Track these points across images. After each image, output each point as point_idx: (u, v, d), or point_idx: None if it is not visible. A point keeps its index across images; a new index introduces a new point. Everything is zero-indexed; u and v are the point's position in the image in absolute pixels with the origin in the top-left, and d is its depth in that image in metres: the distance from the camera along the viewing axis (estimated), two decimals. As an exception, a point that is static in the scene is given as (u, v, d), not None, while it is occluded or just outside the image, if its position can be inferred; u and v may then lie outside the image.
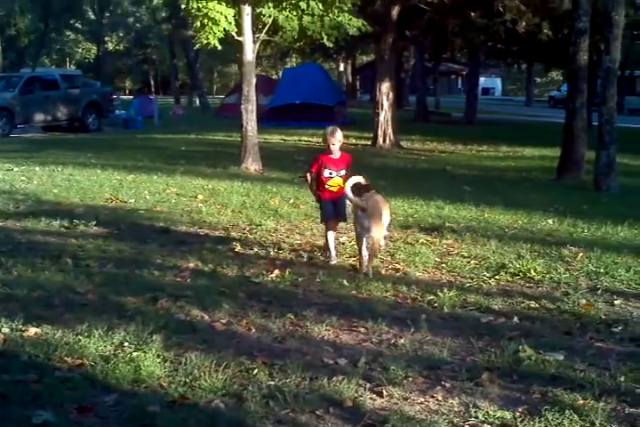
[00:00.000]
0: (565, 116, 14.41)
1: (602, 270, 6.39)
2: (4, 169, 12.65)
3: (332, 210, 6.83)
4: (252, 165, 13.77)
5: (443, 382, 3.96)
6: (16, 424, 3.38)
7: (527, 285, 6.04)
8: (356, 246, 6.74)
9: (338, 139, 6.74)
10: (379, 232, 6.24)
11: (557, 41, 20.66)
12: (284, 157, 16.13)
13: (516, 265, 6.44)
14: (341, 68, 55.85)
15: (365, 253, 6.40)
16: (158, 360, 4.10)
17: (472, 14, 21.13)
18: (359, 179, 6.41)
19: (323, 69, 33.27)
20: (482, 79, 48.06)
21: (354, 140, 20.87)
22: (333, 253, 6.78)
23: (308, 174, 6.90)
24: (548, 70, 52.76)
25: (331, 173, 6.77)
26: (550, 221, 8.77)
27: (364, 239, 6.42)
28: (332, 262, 6.70)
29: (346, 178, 6.77)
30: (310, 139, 20.98)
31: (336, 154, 6.79)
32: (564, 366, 4.19)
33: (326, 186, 6.80)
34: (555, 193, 11.88)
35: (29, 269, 6.05)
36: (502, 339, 4.59)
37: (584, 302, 5.47)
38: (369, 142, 20.26)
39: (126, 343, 4.35)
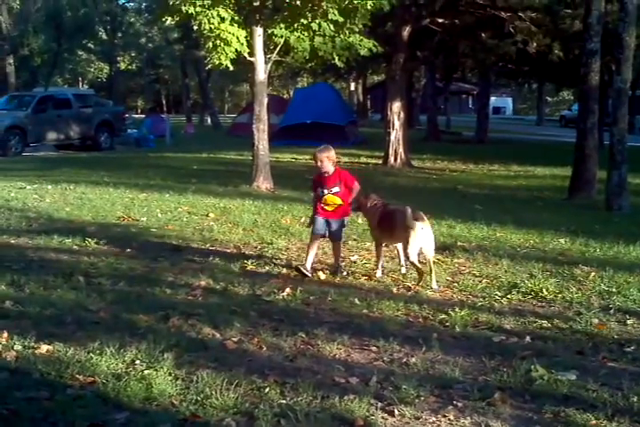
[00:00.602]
0: (576, 135, 14.37)
1: (614, 290, 6.36)
2: (16, 187, 12.74)
3: (319, 226, 6.85)
4: (264, 183, 13.81)
5: (455, 402, 3.94)
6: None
7: (539, 304, 6.01)
8: (368, 265, 6.72)
9: (327, 157, 6.76)
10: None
11: (568, 61, 20.65)
12: (295, 175, 16.13)
13: (527, 284, 6.42)
14: (352, 87, 56.17)
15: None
16: (170, 378, 4.10)
17: (483, 35, 21.22)
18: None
19: (334, 89, 33.46)
20: (493, 98, 48.21)
21: (365, 160, 20.95)
22: (308, 265, 6.78)
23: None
24: (558, 90, 52.72)
25: (323, 192, 6.83)
26: (562, 241, 8.74)
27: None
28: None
29: (344, 195, 6.77)
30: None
31: (328, 172, 6.82)
32: (577, 385, 4.17)
33: (322, 204, 6.85)
34: (566, 212, 11.85)
35: (42, 286, 6.09)
36: (514, 358, 4.57)
37: (596, 321, 5.45)
38: (380, 161, 20.28)
39: (138, 361, 4.35)
